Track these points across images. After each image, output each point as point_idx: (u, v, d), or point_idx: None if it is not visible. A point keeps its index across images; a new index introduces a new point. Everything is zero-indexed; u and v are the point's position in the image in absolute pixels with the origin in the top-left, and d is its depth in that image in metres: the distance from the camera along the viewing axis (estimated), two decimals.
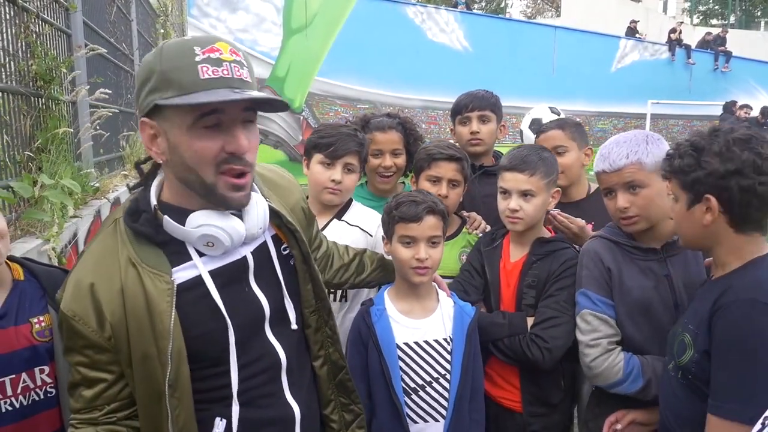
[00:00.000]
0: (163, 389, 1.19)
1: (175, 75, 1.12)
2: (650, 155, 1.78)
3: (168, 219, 1.21)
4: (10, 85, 2.74)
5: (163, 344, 1.18)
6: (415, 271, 1.84)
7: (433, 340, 1.87)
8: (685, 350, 1.50)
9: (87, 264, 1.22)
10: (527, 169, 1.99)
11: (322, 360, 1.51)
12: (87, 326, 1.18)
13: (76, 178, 2.99)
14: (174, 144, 1.17)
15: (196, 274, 1.24)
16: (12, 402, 1.57)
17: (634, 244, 1.87)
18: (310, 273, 1.44)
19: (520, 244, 2.12)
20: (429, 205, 1.84)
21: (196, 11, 14.14)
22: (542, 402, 2.06)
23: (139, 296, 1.18)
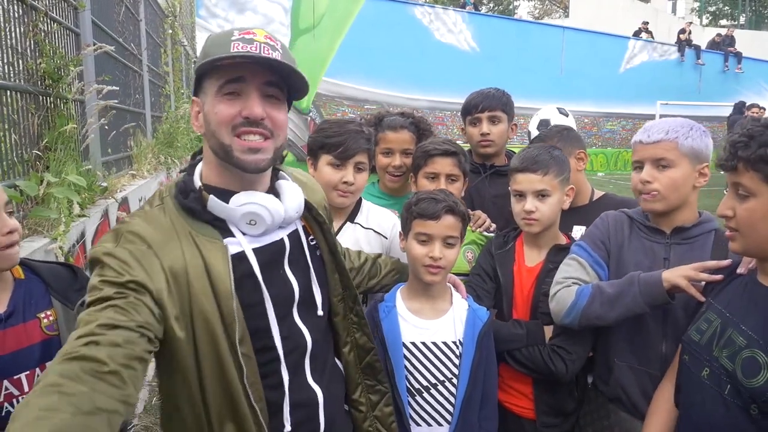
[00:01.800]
0: (233, 347, 1.22)
1: (213, 50, 1.23)
2: (689, 139, 1.75)
3: (213, 198, 1.27)
4: (18, 84, 2.74)
5: (228, 303, 1.22)
6: (428, 269, 1.80)
7: (442, 342, 1.82)
8: (759, 371, 1.34)
9: (141, 227, 1.21)
10: (540, 169, 1.97)
11: (350, 346, 1.55)
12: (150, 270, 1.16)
13: (83, 175, 2.98)
14: (206, 113, 1.28)
15: (240, 250, 1.28)
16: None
17: (645, 223, 1.87)
18: (337, 263, 1.50)
19: (536, 247, 2.08)
20: (449, 204, 1.81)
21: (205, 12, 14.19)
22: (557, 412, 2.02)
23: (198, 261, 1.22)
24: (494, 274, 2.09)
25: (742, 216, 1.38)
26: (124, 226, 1.23)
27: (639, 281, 1.72)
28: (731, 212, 1.42)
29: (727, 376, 1.41)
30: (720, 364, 1.44)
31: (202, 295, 1.21)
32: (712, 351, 1.47)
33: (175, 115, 8.38)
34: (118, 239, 1.19)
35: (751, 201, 1.36)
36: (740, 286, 1.52)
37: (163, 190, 1.34)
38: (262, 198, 1.29)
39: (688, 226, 1.80)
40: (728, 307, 1.51)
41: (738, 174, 1.37)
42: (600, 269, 1.88)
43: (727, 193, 1.44)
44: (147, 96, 6.64)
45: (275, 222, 1.32)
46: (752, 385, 1.34)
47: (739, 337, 1.41)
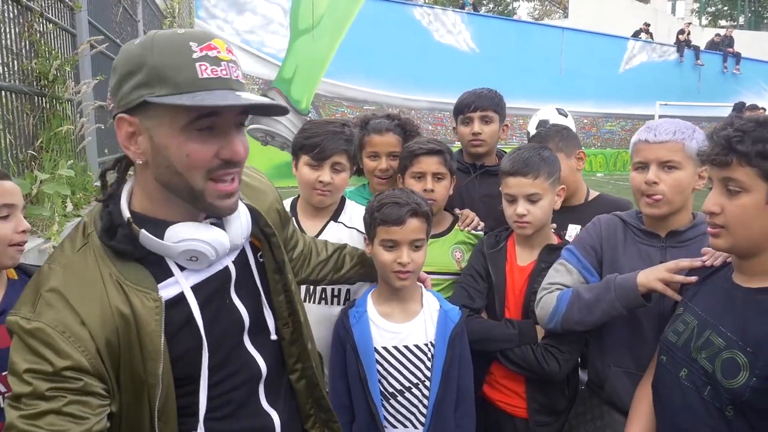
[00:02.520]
0: (152, 412, 1.10)
1: (171, 72, 1.02)
2: (694, 141, 1.73)
3: (145, 233, 1.09)
4: (13, 85, 2.74)
5: (153, 365, 1.08)
6: (397, 275, 1.79)
7: (414, 345, 1.82)
8: (738, 372, 1.33)
9: (66, 280, 1.07)
10: (531, 173, 1.96)
11: (299, 374, 1.42)
12: (79, 345, 1.02)
13: (76, 170, 2.98)
14: (160, 145, 1.06)
15: (179, 291, 1.14)
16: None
17: (639, 226, 1.85)
18: (284, 283, 1.36)
19: (528, 247, 2.08)
20: (412, 207, 1.77)
21: (204, 13, 14.19)
22: (549, 410, 2.02)
23: (128, 315, 1.07)
24: (486, 274, 2.08)
25: (734, 212, 1.35)
26: (43, 282, 1.07)
27: (615, 286, 1.71)
28: (719, 209, 1.38)
29: (707, 378, 1.40)
30: (699, 365, 1.43)
31: (134, 353, 1.07)
32: (690, 352, 1.47)
33: None
34: (35, 303, 1.04)
35: (743, 197, 1.34)
36: (716, 286, 1.52)
37: (87, 223, 1.15)
38: (202, 232, 1.13)
39: (683, 229, 1.79)
40: (705, 308, 1.50)
41: (731, 169, 1.34)
42: (589, 275, 1.86)
43: (714, 189, 1.41)
44: None
45: (219, 256, 1.17)
46: (732, 386, 1.33)
47: (718, 339, 1.40)
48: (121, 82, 1.05)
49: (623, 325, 1.80)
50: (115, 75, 1.07)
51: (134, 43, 1.07)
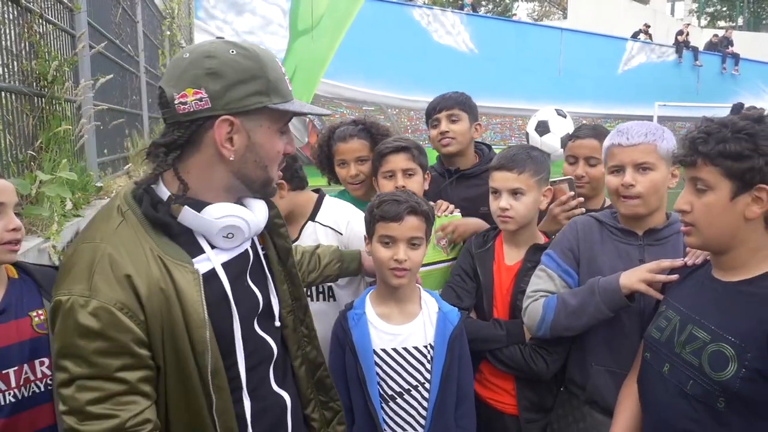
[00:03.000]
0: (205, 378, 1.19)
1: (280, 84, 1.24)
2: (665, 141, 1.78)
3: (188, 209, 1.20)
4: (13, 85, 2.75)
5: (200, 333, 1.17)
6: (393, 272, 1.79)
7: (413, 347, 1.82)
8: (726, 364, 1.36)
9: (113, 255, 1.13)
10: (516, 168, 1.99)
11: (300, 359, 1.52)
12: (135, 320, 1.12)
13: (77, 171, 2.99)
14: (257, 143, 1.24)
15: (209, 268, 1.24)
16: (15, 393, 1.61)
17: (616, 226, 1.88)
18: (287, 273, 1.48)
19: (515, 246, 2.10)
20: (411, 205, 1.79)
21: (203, 13, 14.20)
22: (538, 407, 2.04)
23: (170, 288, 1.16)
24: (474, 274, 2.10)
25: (701, 210, 1.42)
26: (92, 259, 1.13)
27: (599, 290, 1.75)
28: (689, 207, 1.45)
29: (692, 372, 1.44)
30: (683, 359, 1.46)
31: (174, 325, 1.16)
32: (673, 348, 1.50)
33: None
34: (90, 279, 1.10)
35: (709, 195, 1.40)
36: (697, 282, 1.56)
37: (119, 204, 1.22)
38: (239, 210, 1.26)
39: (660, 228, 1.83)
40: (686, 304, 1.53)
41: (697, 169, 1.41)
42: (569, 278, 1.89)
43: (684, 189, 1.48)
44: (144, 97, 6.66)
45: (251, 235, 1.30)
46: (721, 378, 1.36)
47: (702, 332, 1.44)
48: (228, 87, 1.18)
49: (604, 324, 1.82)
50: (218, 80, 1.17)
51: (232, 52, 1.19)
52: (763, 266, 1.40)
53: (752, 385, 1.32)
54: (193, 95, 1.17)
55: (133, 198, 1.22)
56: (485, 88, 14.79)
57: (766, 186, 1.34)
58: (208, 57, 1.18)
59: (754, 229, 1.39)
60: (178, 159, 1.23)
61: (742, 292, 1.41)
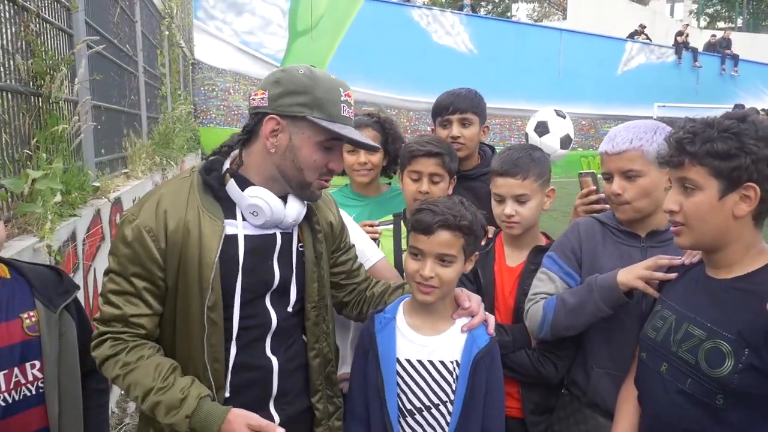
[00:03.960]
0: (202, 309, 1.47)
1: (328, 104, 1.49)
2: (654, 144, 1.74)
3: (233, 182, 1.52)
4: (9, 84, 2.74)
5: (207, 273, 1.46)
6: (419, 287, 1.67)
7: (439, 360, 1.69)
8: (723, 361, 1.37)
9: (164, 195, 1.52)
10: (519, 173, 1.95)
11: (316, 352, 1.68)
12: (157, 243, 1.47)
13: (73, 170, 2.98)
14: (295, 146, 1.51)
15: (235, 232, 1.52)
16: (5, 397, 1.57)
17: (619, 227, 1.86)
18: (319, 274, 1.67)
19: (516, 247, 2.07)
20: (446, 218, 1.63)
21: (202, 14, 14.20)
22: (543, 409, 2.01)
23: (195, 231, 1.48)
24: (474, 276, 2.05)
25: (690, 210, 1.42)
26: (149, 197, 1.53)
27: (597, 287, 1.73)
28: (677, 207, 1.45)
29: (689, 369, 1.44)
30: (680, 358, 1.47)
31: (190, 260, 1.47)
32: (669, 346, 1.50)
33: (172, 116, 8.38)
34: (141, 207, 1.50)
35: (698, 195, 1.41)
36: (691, 281, 1.56)
37: (196, 166, 1.61)
38: (268, 196, 1.52)
39: (663, 229, 1.80)
40: (681, 302, 1.54)
41: (684, 169, 1.41)
42: (571, 280, 1.87)
43: (672, 189, 1.48)
44: (143, 97, 6.64)
45: (273, 218, 1.53)
46: (718, 375, 1.37)
47: (698, 330, 1.44)
48: (283, 94, 1.48)
49: (604, 326, 1.80)
50: (278, 87, 1.49)
51: (300, 72, 1.50)
52: (755, 263, 1.42)
53: (750, 380, 1.33)
54: (261, 95, 1.51)
55: (204, 162, 1.59)
56: (485, 89, 14.58)
57: (754, 184, 1.35)
58: (282, 71, 1.52)
59: (744, 226, 1.40)
60: (246, 144, 1.57)
61: (736, 288, 1.42)
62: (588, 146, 18.46)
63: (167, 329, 1.54)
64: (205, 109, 14.31)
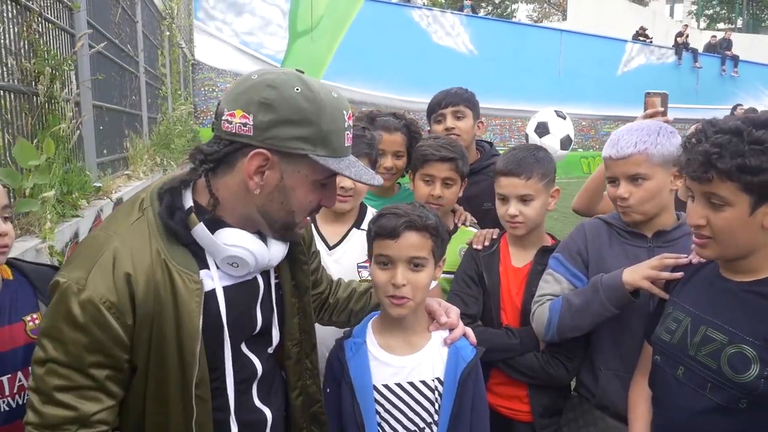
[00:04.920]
0: (187, 388, 1.19)
1: (333, 137, 1.19)
2: (659, 146, 1.73)
3: (202, 227, 1.20)
4: (11, 84, 2.74)
5: (191, 344, 1.17)
6: (390, 300, 1.53)
7: (419, 381, 1.57)
8: (748, 366, 1.33)
9: (120, 250, 1.15)
10: (524, 173, 1.94)
11: (299, 391, 1.48)
12: (121, 320, 1.13)
13: (74, 171, 2.98)
14: (287, 186, 1.21)
15: (211, 287, 1.23)
16: (9, 402, 1.56)
17: (625, 228, 1.86)
18: (301, 307, 1.45)
19: (522, 248, 2.06)
20: (411, 219, 1.52)
21: (203, 14, 14.19)
22: (552, 412, 1.99)
23: (168, 294, 1.16)
24: (480, 278, 2.04)
25: (720, 225, 1.36)
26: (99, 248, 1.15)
27: (602, 287, 1.72)
28: (704, 221, 1.39)
29: (710, 374, 1.41)
30: (699, 362, 1.43)
31: (164, 331, 1.16)
32: (687, 350, 1.47)
33: (172, 116, 8.39)
34: (90, 269, 1.12)
35: (727, 210, 1.35)
36: (704, 281, 1.52)
37: (144, 199, 1.24)
38: (251, 242, 1.23)
39: (669, 229, 1.80)
40: (696, 304, 1.50)
41: (713, 185, 1.34)
42: (577, 281, 1.86)
43: (697, 202, 1.41)
44: (144, 97, 6.64)
45: (257, 268, 1.29)
46: (743, 380, 1.34)
47: (719, 334, 1.41)
48: (277, 123, 1.15)
49: (612, 327, 1.80)
50: (269, 113, 1.14)
51: (296, 90, 1.16)
52: None
53: None
54: (240, 118, 1.15)
55: (157, 196, 1.22)
56: (485, 90, 14.72)
57: None
58: (270, 86, 1.16)
59: None
60: (213, 173, 1.23)
61: (757, 293, 1.38)
62: (588, 147, 18.46)
63: (132, 412, 1.22)
64: (206, 110, 14.31)
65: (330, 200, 1.30)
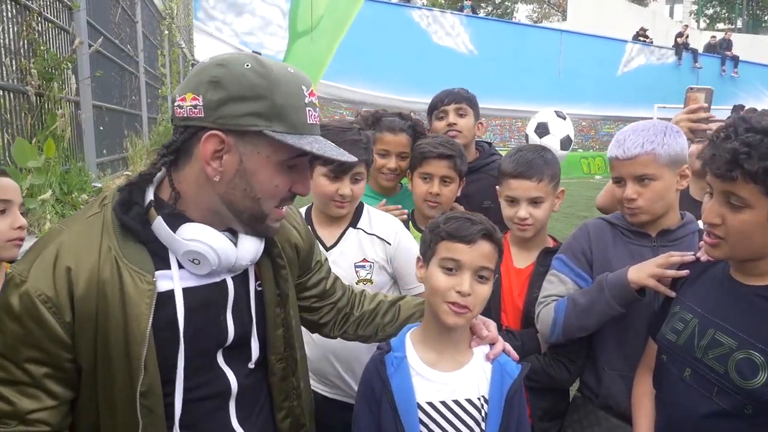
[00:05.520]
0: (134, 395, 1.10)
1: (290, 112, 1.11)
2: (666, 147, 1.71)
3: (160, 220, 1.12)
4: (11, 84, 2.74)
5: (137, 350, 1.09)
6: (451, 307, 1.42)
7: (465, 399, 1.47)
8: (756, 372, 1.30)
9: (65, 244, 1.10)
10: (535, 176, 1.91)
11: (286, 412, 1.37)
12: (59, 316, 1.06)
13: (74, 171, 2.98)
14: (249, 170, 1.13)
15: (170, 288, 1.14)
16: None
17: (629, 228, 1.84)
18: (284, 318, 1.33)
19: (524, 249, 2.04)
20: (487, 228, 1.45)
21: (203, 14, 14.19)
22: (552, 415, 1.98)
23: (116, 293, 1.08)
24: None
25: (736, 226, 1.33)
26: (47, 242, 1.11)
27: (608, 285, 1.70)
28: (719, 220, 1.35)
29: (717, 378, 1.39)
30: (706, 365, 1.41)
31: (111, 333, 1.08)
32: (693, 352, 1.45)
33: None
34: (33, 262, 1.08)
35: (746, 212, 1.32)
36: (713, 282, 1.50)
37: (107, 195, 1.18)
38: (213, 238, 1.14)
39: (674, 228, 1.79)
40: (704, 305, 1.48)
41: (736, 185, 1.31)
42: (582, 281, 1.84)
43: (715, 200, 1.38)
44: (143, 97, 6.64)
45: (221, 266, 1.17)
46: (751, 386, 1.31)
47: (727, 338, 1.38)
48: (227, 101, 1.08)
49: (615, 327, 1.78)
50: (219, 91, 1.08)
51: (246, 66, 1.09)
52: None
53: None
54: (191, 101, 1.10)
55: (118, 192, 1.16)
56: (485, 90, 14.73)
57: None
58: (219, 65, 1.10)
59: None
60: (174, 166, 1.16)
61: None
62: (588, 147, 18.46)
63: (87, 415, 1.14)
64: None
65: (302, 186, 1.20)
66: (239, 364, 1.27)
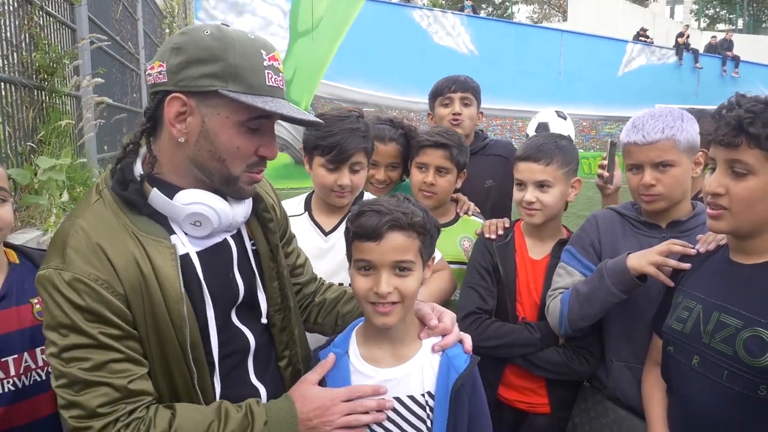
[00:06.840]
0: (184, 351, 1.18)
1: (247, 73, 1.15)
2: (684, 133, 1.70)
3: (156, 192, 1.19)
4: (12, 77, 2.73)
5: (177, 307, 1.17)
6: (375, 308, 1.34)
7: (407, 396, 1.37)
8: (765, 349, 1.30)
9: (86, 228, 1.15)
10: (543, 159, 1.90)
11: (287, 360, 1.44)
12: (111, 290, 1.12)
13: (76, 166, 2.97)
14: (211, 131, 1.18)
15: (184, 252, 1.22)
16: (14, 382, 1.59)
17: (638, 218, 1.83)
18: (277, 270, 1.41)
19: (539, 239, 2.02)
20: (395, 217, 1.32)
21: (203, 14, 14.19)
22: (569, 404, 1.97)
23: (146, 261, 1.15)
24: (494, 269, 1.99)
25: (740, 194, 1.34)
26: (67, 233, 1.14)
27: (607, 272, 1.69)
28: (723, 190, 1.36)
29: (726, 361, 1.38)
30: (714, 349, 1.41)
31: (153, 299, 1.16)
32: (700, 338, 1.44)
33: None
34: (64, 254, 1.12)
35: (751, 179, 1.33)
36: (714, 268, 1.50)
37: (99, 183, 1.24)
38: (209, 198, 1.21)
39: (684, 219, 1.78)
40: (706, 291, 1.48)
41: (739, 151, 1.33)
42: (590, 273, 1.82)
43: (718, 171, 1.39)
44: (144, 94, 6.64)
45: (222, 225, 1.24)
46: (760, 364, 1.31)
47: (732, 319, 1.38)
48: (187, 64, 1.14)
49: (623, 318, 1.78)
50: (179, 56, 1.15)
51: (205, 33, 1.16)
52: None
53: None
54: (157, 68, 1.17)
55: (111, 176, 1.23)
56: (485, 90, 14.58)
57: None
58: (182, 34, 1.18)
59: None
60: (153, 136, 1.23)
61: None
62: (589, 147, 18.44)
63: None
64: None
65: (269, 149, 1.25)
66: (252, 321, 1.35)
